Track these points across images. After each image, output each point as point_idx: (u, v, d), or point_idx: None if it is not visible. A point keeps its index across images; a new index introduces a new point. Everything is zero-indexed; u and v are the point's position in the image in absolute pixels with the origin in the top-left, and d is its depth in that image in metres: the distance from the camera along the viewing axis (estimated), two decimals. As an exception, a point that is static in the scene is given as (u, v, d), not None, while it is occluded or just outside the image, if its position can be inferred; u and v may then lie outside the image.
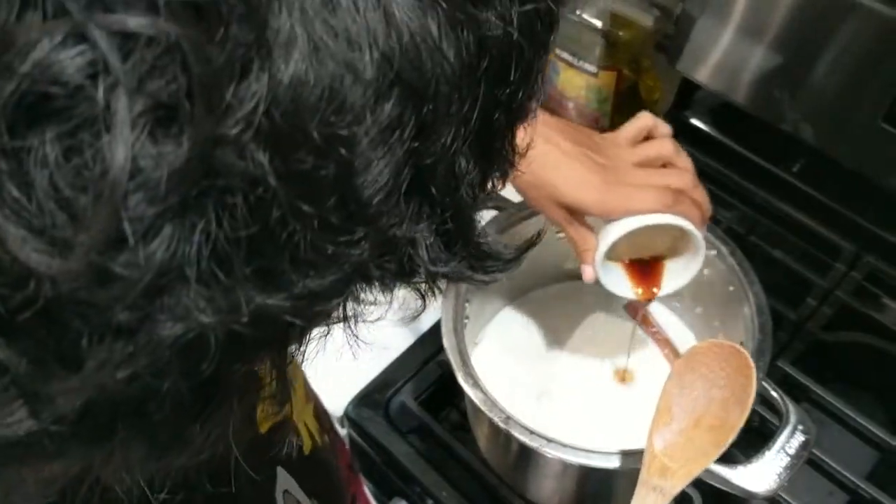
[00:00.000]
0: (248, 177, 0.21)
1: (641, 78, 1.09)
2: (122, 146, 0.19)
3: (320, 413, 0.66)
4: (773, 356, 0.76)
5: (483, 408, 0.69)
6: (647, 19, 1.02)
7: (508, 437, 0.69)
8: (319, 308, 0.25)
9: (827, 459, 0.79)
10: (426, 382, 0.88)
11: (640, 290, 0.75)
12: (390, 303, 0.30)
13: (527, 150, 0.31)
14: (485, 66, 0.25)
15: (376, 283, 0.28)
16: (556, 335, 0.88)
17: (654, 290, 0.75)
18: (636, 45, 1.03)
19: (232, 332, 0.23)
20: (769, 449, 0.63)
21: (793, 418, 0.65)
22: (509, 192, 0.84)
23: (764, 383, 0.68)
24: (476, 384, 0.70)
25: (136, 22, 0.19)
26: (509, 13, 0.25)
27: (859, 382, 0.90)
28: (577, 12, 1.01)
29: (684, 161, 0.74)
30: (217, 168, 0.21)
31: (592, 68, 1.02)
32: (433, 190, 0.25)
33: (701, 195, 0.73)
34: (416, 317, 0.36)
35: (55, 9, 0.18)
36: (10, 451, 0.23)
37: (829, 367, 0.88)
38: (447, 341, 0.73)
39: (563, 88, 1.06)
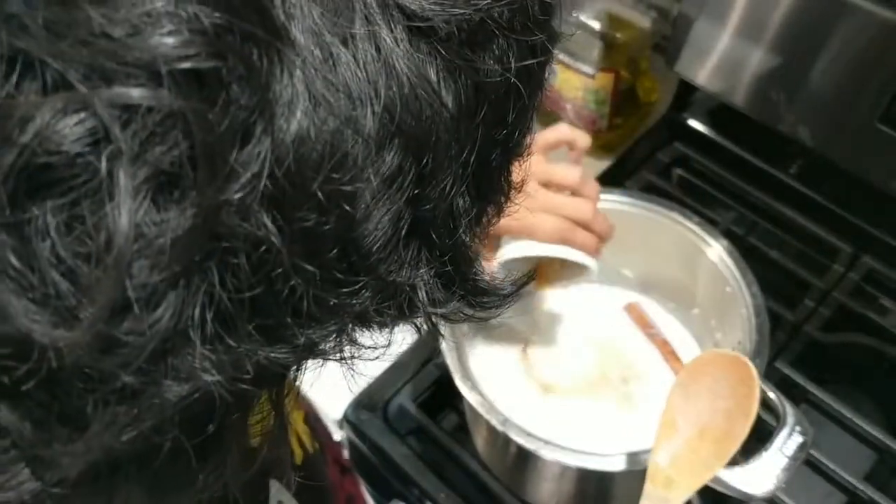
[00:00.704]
0: (252, 238, 0.21)
1: (639, 79, 1.09)
2: (125, 215, 0.19)
3: (312, 420, 0.66)
4: (770, 357, 0.76)
5: (481, 410, 0.69)
6: (644, 21, 1.02)
7: (506, 440, 0.69)
8: (319, 355, 0.26)
9: (824, 460, 0.79)
10: (424, 385, 0.88)
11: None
12: (388, 346, 0.30)
13: (522, 186, 0.31)
14: (483, 110, 0.25)
15: (375, 326, 0.28)
16: (554, 337, 0.88)
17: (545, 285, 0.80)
18: (634, 47, 1.03)
19: (235, 388, 0.23)
20: (766, 450, 0.63)
21: (790, 419, 0.65)
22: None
23: (762, 384, 0.68)
24: (474, 387, 0.70)
25: (138, 94, 0.18)
26: (507, 57, 0.25)
27: (857, 383, 0.90)
28: (575, 14, 1.01)
29: (590, 189, 0.75)
30: (220, 231, 0.20)
31: (590, 70, 1.02)
32: (432, 234, 0.25)
33: (600, 224, 0.75)
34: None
35: (54, 79, 0.18)
36: None
37: (826, 369, 0.88)
38: (445, 346, 0.73)
39: (560, 90, 1.06)
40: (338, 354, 0.28)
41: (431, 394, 0.88)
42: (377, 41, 0.22)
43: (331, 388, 0.90)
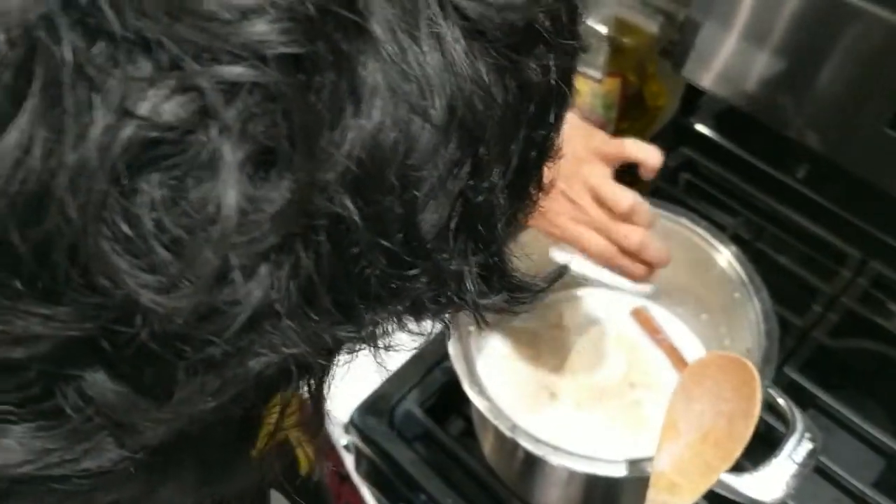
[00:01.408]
0: (334, 217, 0.22)
1: (646, 84, 1.09)
2: (230, 189, 0.20)
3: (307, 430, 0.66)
4: (778, 363, 0.76)
5: (489, 416, 0.69)
6: (651, 25, 1.02)
7: (514, 445, 0.69)
8: (382, 338, 0.27)
9: (833, 466, 0.79)
10: (431, 390, 0.88)
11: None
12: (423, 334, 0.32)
13: (551, 187, 0.32)
14: (527, 109, 0.26)
15: (425, 316, 0.29)
16: (562, 342, 0.88)
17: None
18: (641, 51, 1.03)
19: (309, 362, 0.24)
20: (776, 457, 0.63)
21: (799, 426, 0.65)
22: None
23: (770, 390, 0.68)
24: (482, 392, 0.70)
25: (245, 72, 0.20)
26: (548, 60, 0.26)
27: (865, 389, 0.90)
28: (582, 19, 1.00)
29: (642, 216, 0.74)
30: (309, 209, 0.22)
31: (597, 74, 1.02)
32: (479, 226, 0.27)
33: (651, 253, 0.73)
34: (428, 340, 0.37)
35: (168, 59, 0.19)
36: (82, 483, 0.24)
37: (835, 374, 0.88)
38: (453, 349, 0.73)
39: (567, 95, 1.06)
40: (377, 343, 0.30)
41: (438, 399, 0.88)
42: (439, 40, 0.23)
43: (337, 392, 0.90)
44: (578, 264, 0.73)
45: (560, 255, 0.73)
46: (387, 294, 0.25)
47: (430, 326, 0.32)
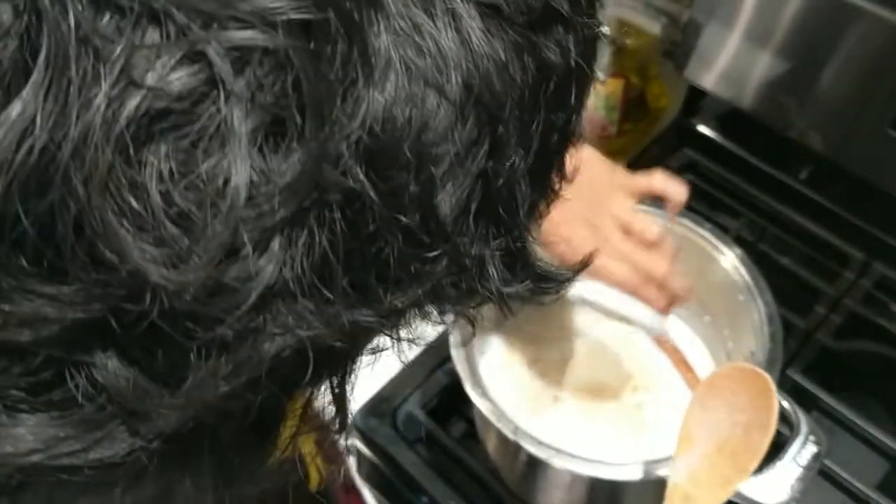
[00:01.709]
0: (348, 191, 0.22)
1: (649, 85, 1.08)
2: (239, 161, 0.20)
3: (323, 441, 0.66)
4: (782, 365, 0.76)
5: (491, 418, 0.69)
6: (654, 26, 1.01)
7: (517, 448, 0.69)
8: (404, 324, 0.27)
9: (837, 469, 0.78)
10: (433, 391, 0.88)
11: None
12: (445, 324, 0.31)
13: (574, 176, 0.31)
14: (546, 89, 0.26)
15: (447, 304, 0.28)
16: (564, 344, 0.88)
17: None
18: (643, 53, 1.03)
19: (325, 348, 0.24)
20: (780, 460, 0.63)
21: (804, 429, 0.64)
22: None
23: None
24: (485, 395, 0.70)
25: (253, 36, 0.20)
26: (566, 41, 0.26)
27: (869, 391, 0.90)
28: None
29: (667, 246, 0.74)
30: (321, 183, 0.21)
31: (600, 76, 1.01)
32: (500, 211, 0.26)
33: (675, 284, 0.74)
34: (467, 342, 0.37)
35: (175, 28, 0.19)
36: (94, 474, 0.24)
37: (838, 376, 0.87)
38: (455, 352, 0.73)
39: (569, 96, 1.06)
40: (400, 333, 0.29)
41: (441, 401, 0.87)
42: (455, 17, 0.23)
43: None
44: (598, 294, 0.73)
45: (582, 287, 0.72)
46: (406, 277, 0.24)
47: (451, 318, 0.31)
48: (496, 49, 0.24)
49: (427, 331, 0.30)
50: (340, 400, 0.30)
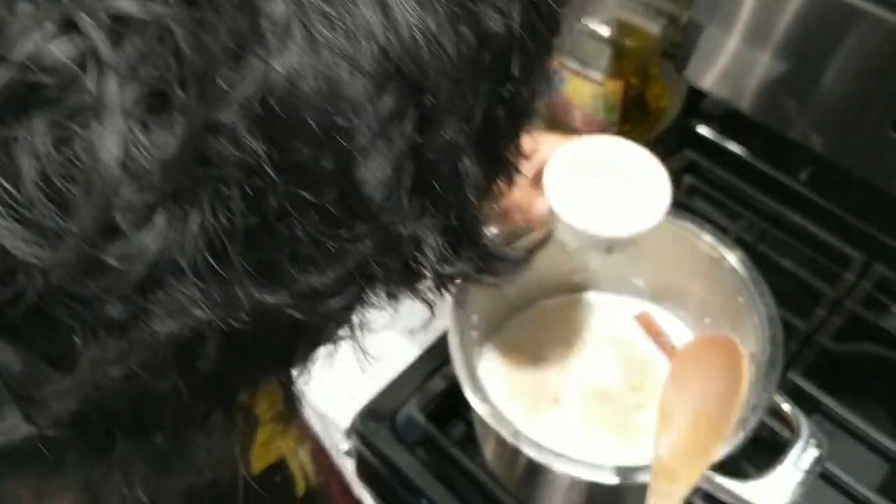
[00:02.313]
0: (244, 166, 0.21)
1: (648, 86, 1.08)
2: (113, 135, 0.19)
3: (316, 452, 0.65)
4: (782, 367, 0.75)
5: (491, 422, 0.69)
6: (653, 27, 1.01)
7: (516, 451, 0.68)
8: (323, 308, 0.25)
9: (837, 471, 0.78)
10: (432, 394, 0.87)
11: None
12: (395, 310, 0.30)
13: (532, 155, 0.31)
14: (486, 60, 0.25)
15: (382, 289, 0.27)
16: (564, 346, 0.87)
17: None
18: (643, 54, 1.02)
19: (233, 333, 0.23)
20: (781, 464, 0.63)
21: (805, 432, 0.64)
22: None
23: (776, 396, 0.68)
24: (484, 398, 0.70)
25: (129, 6, 0.19)
26: (507, 9, 0.25)
27: (870, 393, 0.89)
28: (584, 21, 1.00)
29: None
30: (211, 157, 0.20)
31: (599, 77, 1.01)
32: (437, 187, 0.25)
33: None
34: (425, 326, 0.36)
35: (48, 1, 0.19)
36: (6, 461, 0.23)
37: (839, 378, 0.87)
38: (454, 355, 0.73)
39: (570, 97, 1.06)
40: (346, 322, 0.28)
41: (440, 404, 0.87)
42: None
43: (338, 399, 0.90)
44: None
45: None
46: (322, 256, 0.23)
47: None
48: (424, 18, 0.23)
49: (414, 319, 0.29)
50: (286, 388, 0.29)
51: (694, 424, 0.63)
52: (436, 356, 0.89)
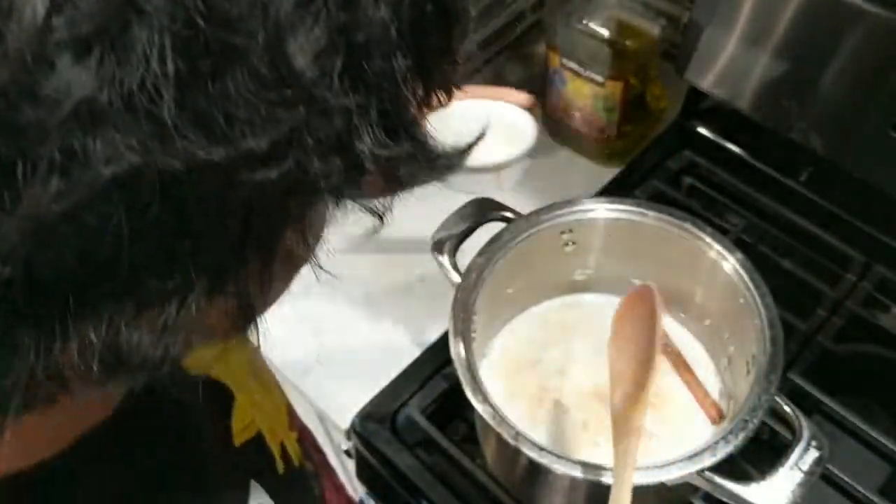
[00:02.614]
0: (171, 12, 0.22)
1: (648, 87, 1.08)
2: None
3: (307, 443, 0.65)
4: (783, 368, 0.75)
5: (492, 423, 0.68)
6: (653, 28, 1.01)
7: (517, 452, 0.68)
8: (260, 174, 0.25)
9: (838, 473, 0.78)
10: (433, 395, 0.87)
11: None
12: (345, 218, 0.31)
13: (464, 63, 0.31)
14: None
15: (325, 182, 0.27)
16: (565, 347, 0.87)
17: None
18: (643, 55, 1.02)
19: (177, 192, 0.23)
20: (782, 465, 0.63)
21: (806, 434, 0.64)
22: (520, 205, 0.83)
23: (777, 398, 0.68)
24: (485, 399, 0.70)
25: None
26: None
27: (870, 394, 0.89)
28: (584, 21, 1.00)
29: None
30: (142, 2, 0.21)
31: (599, 78, 1.01)
32: (368, 69, 0.26)
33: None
34: (372, 234, 0.37)
35: None
36: None
37: (839, 379, 0.87)
38: (456, 356, 0.73)
39: (570, 98, 1.06)
40: (298, 237, 0.29)
41: (440, 404, 0.87)
42: None
43: (339, 399, 0.90)
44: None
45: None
46: (256, 118, 0.24)
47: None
48: None
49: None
50: (241, 294, 0.29)
51: (635, 371, 0.66)
52: (436, 357, 0.89)
